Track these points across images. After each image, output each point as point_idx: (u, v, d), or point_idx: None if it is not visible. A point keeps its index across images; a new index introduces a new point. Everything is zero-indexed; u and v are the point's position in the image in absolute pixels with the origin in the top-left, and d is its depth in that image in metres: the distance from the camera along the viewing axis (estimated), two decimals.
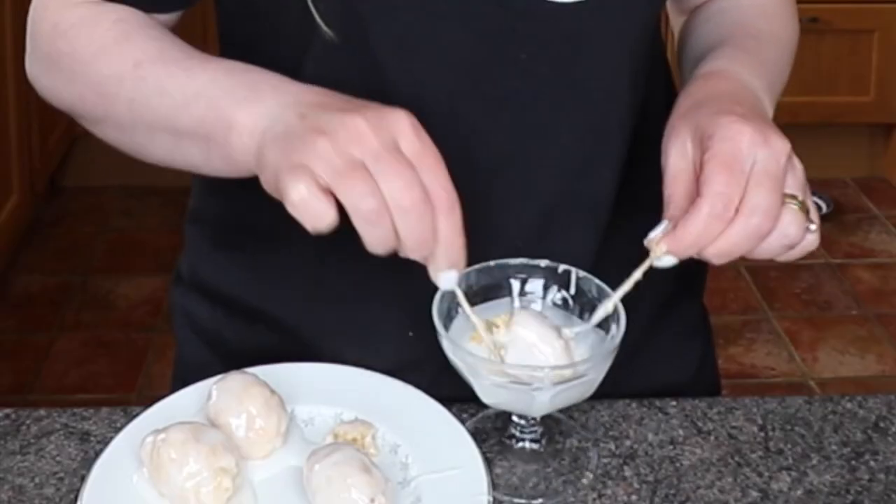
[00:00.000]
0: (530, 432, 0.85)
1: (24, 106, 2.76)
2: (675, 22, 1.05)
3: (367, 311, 0.93)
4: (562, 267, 0.85)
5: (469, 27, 0.85)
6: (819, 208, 3.40)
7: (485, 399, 0.80)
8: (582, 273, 0.84)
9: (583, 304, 0.84)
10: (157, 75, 0.83)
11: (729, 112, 0.81)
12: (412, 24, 0.85)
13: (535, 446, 0.85)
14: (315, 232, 0.73)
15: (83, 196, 3.25)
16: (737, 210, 0.76)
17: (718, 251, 0.78)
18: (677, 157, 0.81)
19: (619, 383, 0.92)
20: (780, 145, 0.79)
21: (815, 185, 3.26)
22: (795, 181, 0.80)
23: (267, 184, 0.76)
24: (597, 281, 0.83)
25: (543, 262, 0.85)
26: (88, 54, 0.87)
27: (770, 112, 0.89)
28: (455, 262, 0.76)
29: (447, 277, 0.76)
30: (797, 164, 0.80)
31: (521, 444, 0.85)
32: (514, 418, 0.85)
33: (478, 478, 0.78)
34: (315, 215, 0.72)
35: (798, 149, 0.81)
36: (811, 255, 0.82)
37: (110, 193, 3.26)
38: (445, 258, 0.75)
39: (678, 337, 1.04)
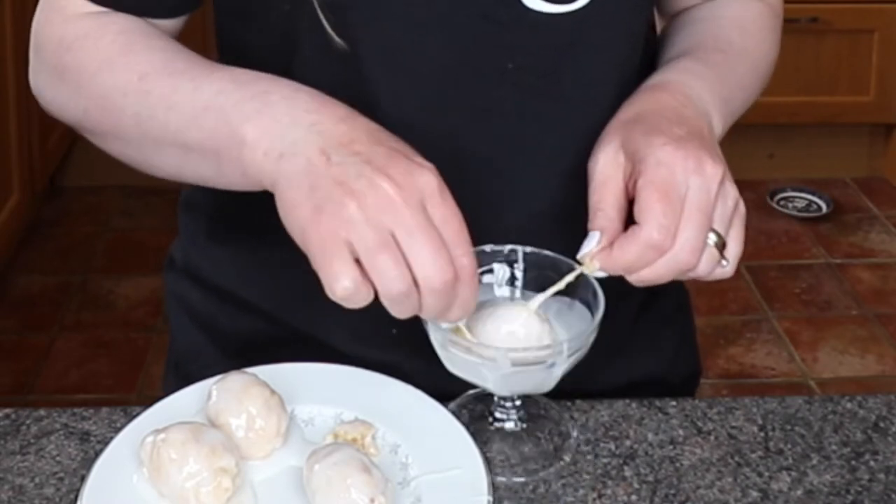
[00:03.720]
0: (511, 413, 0.86)
1: (24, 106, 2.76)
2: (659, 26, 1.05)
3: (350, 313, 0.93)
4: (507, 247, 0.86)
5: (454, 37, 0.85)
6: (818, 208, 3.36)
7: (450, 368, 0.82)
8: (529, 249, 0.86)
9: (542, 279, 0.85)
10: (163, 88, 0.82)
11: (664, 133, 0.81)
12: (398, 33, 0.85)
13: (515, 427, 0.86)
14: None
15: (83, 196, 3.25)
16: None
17: (641, 278, 0.80)
18: (607, 163, 0.82)
19: (596, 379, 0.93)
20: (713, 172, 0.79)
21: (815, 184, 3.25)
22: (723, 211, 0.80)
23: (289, 228, 0.75)
24: (545, 252, 0.85)
25: (488, 247, 0.85)
26: (93, 67, 0.85)
27: (719, 129, 0.89)
28: (463, 318, 0.77)
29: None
30: (729, 190, 0.81)
31: (501, 425, 0.86)
32: (495, 399, 0.86)
33: (478, 478, 0.78)
34: (356, 303, 0.73)
35: (798, 149, 0.81)
36: (811, 255, 0.83)
37: (110, 193, 3.26)
38: (456, 317, 0.76)
39: (655, 327, 1.04)
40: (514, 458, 0.84)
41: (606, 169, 0.82)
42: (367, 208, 0.71)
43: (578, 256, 0.81)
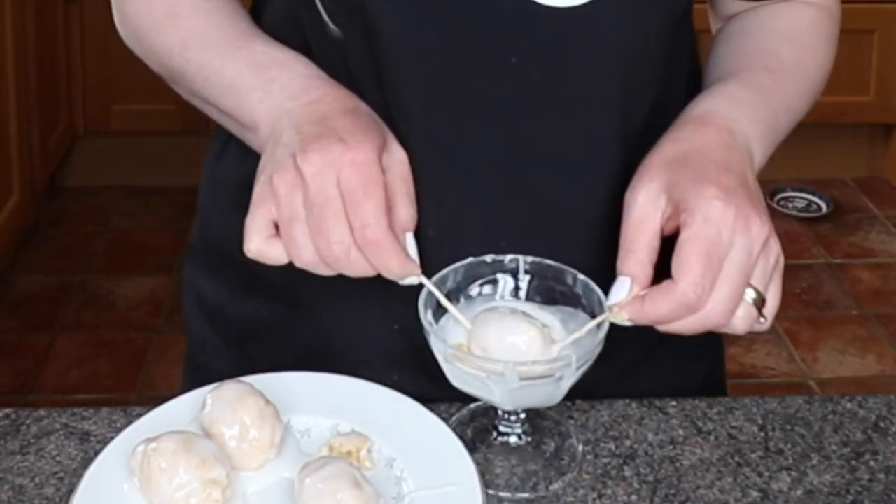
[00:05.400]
0: (515, 426, 0.85)
1: (24, 106, 2.76)
2: (714, 28, 1.02)
3: (360, 295, 0.93)
4: (508, 257, 0.85)
5: (456, 26, 0.85)
6: (818, 208, 3.35)
7: (454, 383, 0.81)
8: (531, 258, 0.85)
9: (544, 289, 0.85)
10: (198, 61, 0.91)
11: (714, 183, 0.80)
12: (394, 18, 0.85)
13: (520, 441, 0.86)
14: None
15: (83, 196, 3.25)
16: None
17: (669, 329, 0.80)
18: (647, 202, 0.81)
19: (617, 396, 0.92)
20: (759, 231, 0.79)
21: (815, 184, 3.25)
22: (764, 269, 0.80)
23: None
24: (547, 262, 0.84)
25: (489, 258, 0.85)
26: (145, 25, 0.94)
27: (760, 159, 0.88)
28: (402, 277, 0.81)
29: (404, 281, 0.82)
30: (773, 247, 0.80)
31: (505, 439, 0.86)
32: (499, 412, 0.85)
33: (472, 495, 0.77)
34: (270, 260, 0.82)
35: (798, 149, 0.81)
36: (811, 255, 0.83)
37: (110, 193, 3.26)
38: (392, 276, 0.81)
39: (682, 356, 1.01)
40: (519, 474, 0.84)
41: (645, 209, 0.81)
42: (283, 185, 0.80)
43: (608, 304, 0.80)
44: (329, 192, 0.79)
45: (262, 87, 0.87)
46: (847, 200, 3.32)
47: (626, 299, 0.79)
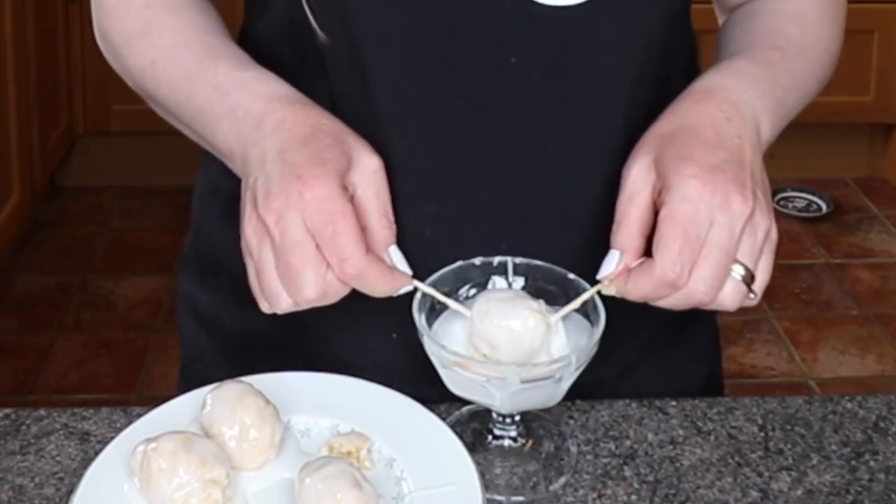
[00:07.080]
0: (510, 429, 0.85)
1: (24, 106, 2.76)
2: (720, 21, 1.02)
3: (357, 304, 0.93)
4: (496, 259, 0.85)
5: (455, 26, 0.84)
6: (818, 208, 3.35)
7: (452, 389, 0.81)
8: (518, 259, 0.85)
9: (535, 289, 0.84)
10: (169, 82, 0.89)
11: (695, 161, 0.80)
12: (394, 16, 0.84)
13: (513, 444, 0.85)
14: None
15: (83, 196, 3.25)
16: None
17: (657, 305, 0.80)
18: (639, 176, 0.82)
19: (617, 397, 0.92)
20: (740, 208, 0.78)
21: (815, 184, 3.24)
22: (751, 245, 0.79)
23: None
24: (536, 262, 0.84)
25: (478, 260, 0.85)
26: (119, 42, 0.93)
27: (769, 133, 0.87)
28: (394, 292, 0.81)
29: (397, 292, 0.82)
30: (760, 223, 0.79)
31: (499, 442, 0.85)
32: (494, 415, 0.85)
33: (473, 495, 0.77)
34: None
35: (798, 149, 0.80)
36: (811, 255, 0.83)
37: (110, 193, 3.26)
38: (383, 295, 0.81)
39: (682, 357, 1.02)
40: (514, 477, 0.84)
41: (636, 182, 0.81)
42: (253, 235, 0.80)
43: (598, 277, 0.81)
44: (295, 236, 0.78)
45: (227, 114, 0.85)
46: (847, 200, 3.32)
47: (614, 272, 0.80)
